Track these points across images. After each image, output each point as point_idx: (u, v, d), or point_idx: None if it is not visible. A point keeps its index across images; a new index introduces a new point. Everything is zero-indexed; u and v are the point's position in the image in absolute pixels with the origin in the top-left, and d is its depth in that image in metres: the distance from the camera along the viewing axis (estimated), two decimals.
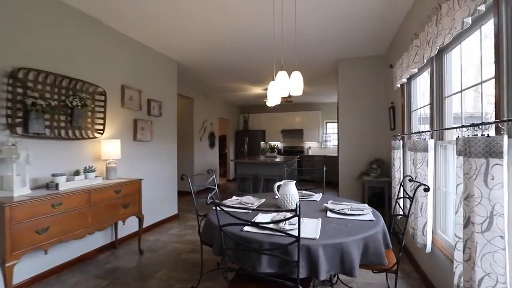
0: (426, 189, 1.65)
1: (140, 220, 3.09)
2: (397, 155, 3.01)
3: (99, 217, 2.49)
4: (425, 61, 2.18)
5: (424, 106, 2.76)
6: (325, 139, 8.90)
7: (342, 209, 2.03)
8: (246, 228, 1.61)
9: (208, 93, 7.22)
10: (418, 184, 1.73)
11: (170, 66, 4.35)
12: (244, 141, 9.01)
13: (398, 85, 3.07)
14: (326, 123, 9.05)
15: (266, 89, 6.76)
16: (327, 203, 2.25)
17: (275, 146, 6.45)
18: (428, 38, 2.05)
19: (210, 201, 1.31)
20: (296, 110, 9.26)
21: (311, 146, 9.07)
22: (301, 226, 1.32)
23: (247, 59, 4.52)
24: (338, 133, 4.68)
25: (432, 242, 2.15)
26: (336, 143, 8.98)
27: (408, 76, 2.67)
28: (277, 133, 9.15)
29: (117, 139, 3.14)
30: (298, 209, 1.19)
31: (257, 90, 6.86)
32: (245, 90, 6.88)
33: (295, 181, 2.19)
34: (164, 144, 4.19)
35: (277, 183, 2.18)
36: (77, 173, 2.55)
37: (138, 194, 3.04)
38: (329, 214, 1.95)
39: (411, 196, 1.82)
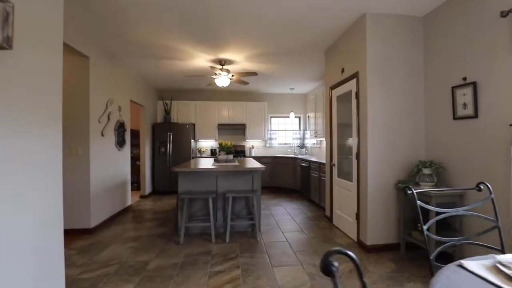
0: None
1: None
2: None
3: None
4: None
5: None
6: (270, 136, 7.41)
7: None
8: None
9: (117, 53, 4.31)
10: None
11: None
12: (166, 138, 6.32)
13: None
14: (271, 117, 7.58)
15: (217, 61, 4.55)
16: None
17: (231, 145, 4.36)
18: None
19: None
20: (237, 99, 7.34)
21: (255, 145, 7.37)
22: None
23: None
24: (358, 125, 3.16)
25: None
26: (282, 142, 7.67)
27: None
28: (212, 128, 6.96)
29: None
30: None
31: (202, 60, 4.54)
32: (183, 56, 4.43)
33: None
34: (21, 135, 1.46)
35: None
36: None
37: None
38: None
39: None
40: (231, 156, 4.35)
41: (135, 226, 3.87)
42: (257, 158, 6.79)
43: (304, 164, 5.69)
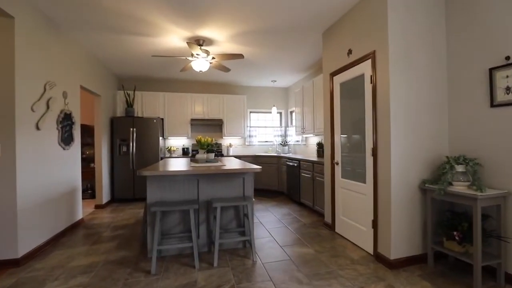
0: None
1: None
2: None
3: None
4: None
5: None
6: (250, 133, 6.73)
7: None
8: None
9: (59, 19, 3.29)
10: None
11: None
12: (129, 136, 5.29)
13: None
14: (250, 113, 6.90)
15: (194, 40, 3.75)
16: None
17: (211, 142, 3.58)
18: None
19: None
20: (213, 91, 6.55)
21: (233, 143, 6.63)
22: None
23: None
24: (374, 114, 2.62)
25: None
26: (263, 140, 7.01)
27: None
28: (184, 124, 6.06)
29: None
30: None
31: (175, 38, 3.69)
32: (151, 31, 3.54)
33: None
34: None
35: None
36: None
37: None
38: None
39: None
40: (212, 155, 3.58)
41: (87, 249, 2.91)
42: (237, 158, 6.06)
43: (291, 163, 5.11)
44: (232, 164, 3.18)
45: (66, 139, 3.47)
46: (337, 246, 2.92)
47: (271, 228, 3.55)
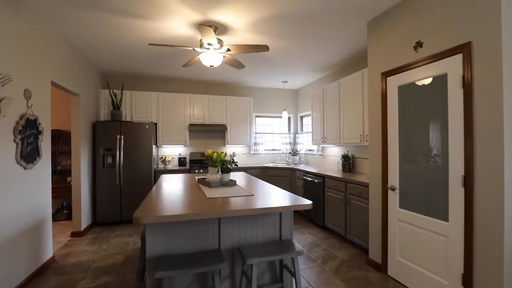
0: None
1: None
2: None
3: None
4: None
5: None
6: (256, 141, 5.93)
7: None
8: None
9: None
10: None
11: None
12: (115, 144, 4.36)
13: None
14: (256, 117, 6.10)
15: (209, 24, 2.92)
16: None
17: (224, 157, 2.75)
18: None
19: None
20: (214, 92, 5.71)
21: (236, 152, 5.80)
22: None
23: None
24: (466, 133, 1.89)
25: None
26: (269, 148, 6.21)
27: None
28: (181, 130, 5.18)
29: None
30: None
31: (179, 22, 2.84)
32: (148, 11, 2.67)
33: None
34: None
35: None
36: None
37: None
38: None
39: None
40: (228, 176, 2.76)
41: None
42: (242, 169, 5.24)
43: (310, 178, 4.35)
44: (257, 190, 2.37)
45: (28, 155, 2.53)
46: None
47: (303, 270, 2.77)
